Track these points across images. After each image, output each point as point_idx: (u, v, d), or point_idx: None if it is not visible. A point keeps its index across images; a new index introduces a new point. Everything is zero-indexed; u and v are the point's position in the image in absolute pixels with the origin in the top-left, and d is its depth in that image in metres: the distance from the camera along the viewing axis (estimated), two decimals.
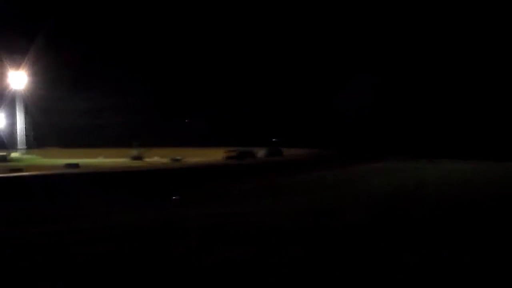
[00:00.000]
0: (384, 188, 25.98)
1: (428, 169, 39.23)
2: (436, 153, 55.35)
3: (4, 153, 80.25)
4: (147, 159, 77.25)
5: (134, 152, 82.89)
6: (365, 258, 10.18)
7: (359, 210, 17.37)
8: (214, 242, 12.10)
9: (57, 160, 71.93)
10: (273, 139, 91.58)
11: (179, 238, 12.80)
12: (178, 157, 75.60)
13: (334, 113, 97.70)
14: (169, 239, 12.67)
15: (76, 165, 60.31)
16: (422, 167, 40.75)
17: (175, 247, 11.71)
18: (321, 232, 13.21)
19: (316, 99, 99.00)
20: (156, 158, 79.32)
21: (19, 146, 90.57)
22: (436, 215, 15.88)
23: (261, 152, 78.12)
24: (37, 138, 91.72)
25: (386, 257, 10.29)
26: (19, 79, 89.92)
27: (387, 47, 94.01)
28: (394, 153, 60.22)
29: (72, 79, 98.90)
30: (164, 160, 74.83)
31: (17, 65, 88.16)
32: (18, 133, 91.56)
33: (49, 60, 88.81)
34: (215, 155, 78.81)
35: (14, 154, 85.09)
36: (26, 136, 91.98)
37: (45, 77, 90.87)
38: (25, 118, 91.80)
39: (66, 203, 21.76)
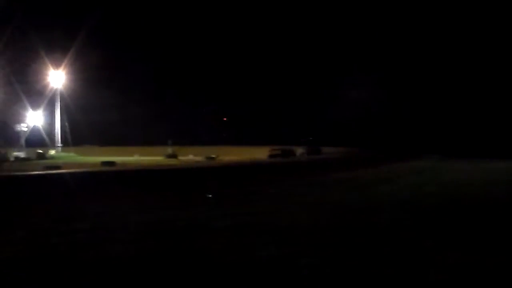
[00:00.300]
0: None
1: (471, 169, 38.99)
2: (471, 152, 54.72)
3: (43, 151, 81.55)
4: (182, 157, 77.72)
5: (169, 150, 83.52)
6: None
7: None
8: (242, 241, 12.19)
9: (93, 158, 72.92)
10: (310, 138, 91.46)
11: (210, 237, 12.92)
12: (213, 155, 76.01)
13: (366, 112, 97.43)
14: (200, 238, 12.79)
15: (112, 163, 61.02)
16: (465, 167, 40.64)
17: (206, 245, 11.83)
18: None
19: (348, 99, 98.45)
20: (191, 156, 79.85)
21: (57, 144, 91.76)
22: None
23: (300, 151, 78.51)
24: (74, 136, 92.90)
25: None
26: (58, 78, 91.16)
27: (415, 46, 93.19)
28: (429, 152, 59.72)
29: (109, 78, 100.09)
30: (199, 158, 75.27)
31: (57, 65, 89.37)
32: (56, 131, 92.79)
33: (88, 60, 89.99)
34: (250, 153, 79.04)
35: (52, 152, 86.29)
36: (63, 134, 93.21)
37: (84, 76, 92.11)
38: (64, 116, 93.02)
39: (104, 201, 22.02)
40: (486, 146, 58.68)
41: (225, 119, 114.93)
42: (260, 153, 78.93)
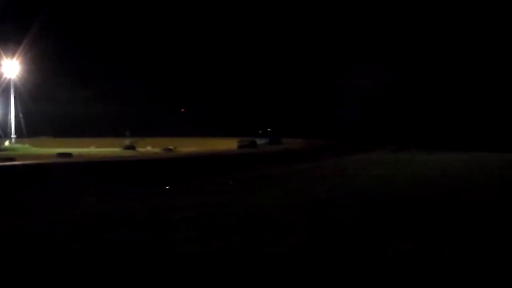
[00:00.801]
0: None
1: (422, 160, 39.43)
2: (429, 144, 55.46)
3: None
4: (140, 149, 77.10)
5: (127, 141, 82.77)
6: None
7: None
8: (201, 232, 12.10)
9: (49, 149, 71.69)
10: (268, 130, 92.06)
11: (168, 229, 12.79)
12: (171, 147, 75.56)
13: (329, 103, 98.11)
14: (157, 230, 12.66)
15: (69, 155, 60.14)
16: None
17: (163, 237, 11.71)
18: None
19: (312, 90, 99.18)
20: (149, 147, 79.15)
21: (11, 135, 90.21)
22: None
23: (261, 142, 79.76)
24: (29, 128, 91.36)
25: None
26: (12, 68, 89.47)
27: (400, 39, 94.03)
28: (388, 143, 60.39)
29: (65, 68, 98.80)
30: (157, 149, 74.75)
31: (11, 54, 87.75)
32: (10, 122, 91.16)
33: (42, 49, 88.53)
34: (211, 145, 79.06)
35: (6, 143, 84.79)
36: (18, 125, 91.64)
37: (38, 66, 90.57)
38: (18, 107, 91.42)
39: (58, 193, 21.71)
40: (455, 139, 59.29)
41: (182, 110, 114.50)
42: (220, 145, 79.08)
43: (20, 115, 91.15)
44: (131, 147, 77.68)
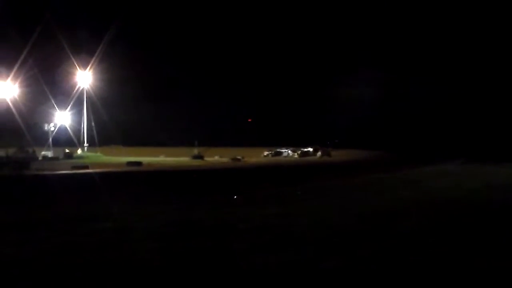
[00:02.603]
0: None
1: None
2: (493, 156, 53.75)
3: (70, 151, 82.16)
4: (208, 158, 77.76)
5: (195, 151, 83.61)
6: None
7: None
8: (267, 243, 12.00)
9: (119, 158, 73.21)
10: (335, 140, 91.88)
11: (234, 238, 12.72)
12: (239, 157, 75.95)
13: (391, 115, 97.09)
14: (224, 239, 12.61)
15: (138, 163, 61.21)
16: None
17: (234, 246, 11.66)
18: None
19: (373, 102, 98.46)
20: (217, 157, 79.78)
21: (84, 144, 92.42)
22: None
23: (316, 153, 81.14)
24: (101, 136, 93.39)
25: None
26: (85, 78, 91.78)
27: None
28: (450, 156, 58.88)
29: (136, 79, 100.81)
30: (225, 159, 75.24)
31: (84, 65, 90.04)
32: (83, 130, 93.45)
33: (114, 60, 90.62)
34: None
35: (79, 152, 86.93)
36: (90, 134, 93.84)
37: (111, 76, 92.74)
38: (90, 116, 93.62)
39: (127, 201, 22.00)
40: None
41: (250, 120, 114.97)
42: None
43: (92, 124, 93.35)
44: (199, 157, 78.41)
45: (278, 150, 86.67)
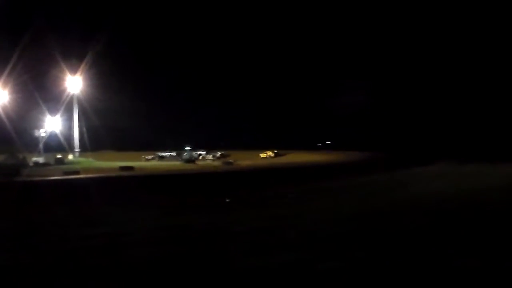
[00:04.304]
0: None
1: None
2: (488, 156, 53.76)
3: (61, 156, 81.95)
4: (200, 162, 77.84)
5: (187, 155, 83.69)
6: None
7: None
8: (261, 245, 12.00)
9: (111, 163, 73.10)
10: (327, 142, 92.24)
11: (227, 242, 12.71)
12: (231, 160, 76.03)
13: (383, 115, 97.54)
14: (217, 243, 12.61)
15: (131, 168, 61.14)
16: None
17: (227, 249, 11.65)
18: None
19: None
20: (208, 160, 79.91)
21: (75, 149, 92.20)
22: None
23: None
24: (92, 142, 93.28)
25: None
26: (75, 83, 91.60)
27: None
28: (441, 156, 58.87)
29: (125, 84, 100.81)
30: (216, 163, 75.32)
31: (74, 70, 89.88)
32: (74, 136, 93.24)
33: (104, 65, 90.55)
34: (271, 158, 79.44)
35: (70, 157, 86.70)
36: (81, 139, 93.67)
37: (101, 81, 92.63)
38: (81, 121, 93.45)
39: (122, 205, 21.98)
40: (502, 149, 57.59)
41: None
42: (281, 158, 79.47)
43: (84, 129, 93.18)
44: (191, 161, 78.51)
45: (160, 154, 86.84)
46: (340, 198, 24.16)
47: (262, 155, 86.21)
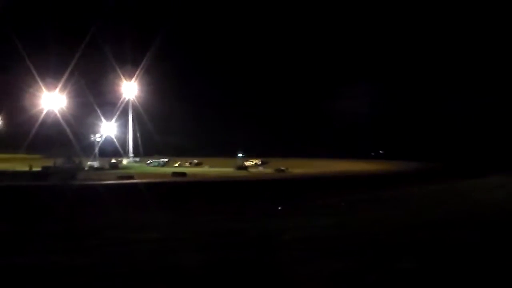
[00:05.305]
0: None
1: None
2: None
3: (115, 161, 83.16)
4: (252, 170, 77.80)
5: (239, 162, 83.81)
6: None
7: None
8: (313, 253, 11.94)
9: (164, 168, 73.74)
10: (380, 151, 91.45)
11: (279, 249, 12.67)
12: (283, 168, 75.81)
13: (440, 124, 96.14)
14: (268, 250, 12.57)
15: (183, 174, 61.58)
16: None
17: (280, 257, 11.63)
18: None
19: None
20: (260, 168, 79.79)
21: (129, 154, 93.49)
22: None
23: None
24: (145, 147, 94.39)
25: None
26: (131, 89, 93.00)
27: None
28: (491, 167, 57.44)
29: (180, 90, 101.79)
30: (269, 170, 75.14)
31: (130, 76, 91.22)
32: (128, 141, 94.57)
33: (159, 71, 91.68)
34: (321, 166, 78.70)
35: (124, 162, 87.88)
36: (135, 144, 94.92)
37: (155, 87, 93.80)
38: (136, 127, 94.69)
39: (175, 210, 22.17)
40: None
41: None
42: (330, 166, 78.72)
43: (138, 134, 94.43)
44: (243, 168, 78.56)
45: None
46: (406, 207, 23.83)
47: (247, 163, 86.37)
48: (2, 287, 9.11)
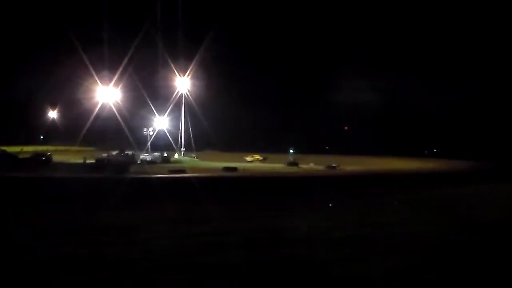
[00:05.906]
0: None
1: None
2: None
3: (167, 155, 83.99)
4: (303, 166, 77.57)
5: (290, 158, 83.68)
6: None
7: None
8: (363, 252, 11.66)
9: (215, 163, 74.20)
10: (434, 150, 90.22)
11: (328, 247, 12.40)
12: (334, 165, 75.41)
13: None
14: (316, 247, 12.33)
15: (234, 169, 61.75)
16: None
17: (322, 256, 11.38)
18: None
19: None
20: (312, 164, 79.50)
21: (181, 148, 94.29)
22: None
23: None
24: (197, 141, 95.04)
25: None
26: (184, 84, 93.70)
27: None
28: None
29: (233, 85, 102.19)
30: (320, 167, 74.81)
31: (183, 71, 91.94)
32: (180, 135, 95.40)
33: (213, 67, 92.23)
34: (372, 164, 77.96)
35: (176, 156, 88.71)
36: (187, 138, 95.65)
37: (208, 82, 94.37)
38: (188, 121, 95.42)
39: (225, 205, 22.08)
40: None
41: (346, 128, 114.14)
42: (378, 164, 77.91)
43: (190, 129, 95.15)
44: (294, 164, 78.41)
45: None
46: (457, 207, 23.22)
47: (249, 159, 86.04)
48: (57, 276, 9.12)
